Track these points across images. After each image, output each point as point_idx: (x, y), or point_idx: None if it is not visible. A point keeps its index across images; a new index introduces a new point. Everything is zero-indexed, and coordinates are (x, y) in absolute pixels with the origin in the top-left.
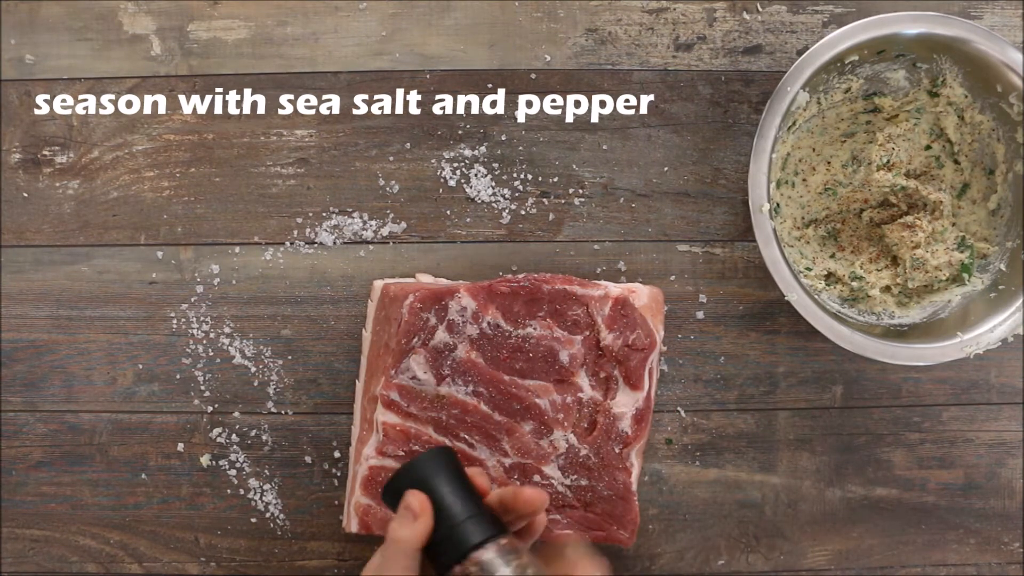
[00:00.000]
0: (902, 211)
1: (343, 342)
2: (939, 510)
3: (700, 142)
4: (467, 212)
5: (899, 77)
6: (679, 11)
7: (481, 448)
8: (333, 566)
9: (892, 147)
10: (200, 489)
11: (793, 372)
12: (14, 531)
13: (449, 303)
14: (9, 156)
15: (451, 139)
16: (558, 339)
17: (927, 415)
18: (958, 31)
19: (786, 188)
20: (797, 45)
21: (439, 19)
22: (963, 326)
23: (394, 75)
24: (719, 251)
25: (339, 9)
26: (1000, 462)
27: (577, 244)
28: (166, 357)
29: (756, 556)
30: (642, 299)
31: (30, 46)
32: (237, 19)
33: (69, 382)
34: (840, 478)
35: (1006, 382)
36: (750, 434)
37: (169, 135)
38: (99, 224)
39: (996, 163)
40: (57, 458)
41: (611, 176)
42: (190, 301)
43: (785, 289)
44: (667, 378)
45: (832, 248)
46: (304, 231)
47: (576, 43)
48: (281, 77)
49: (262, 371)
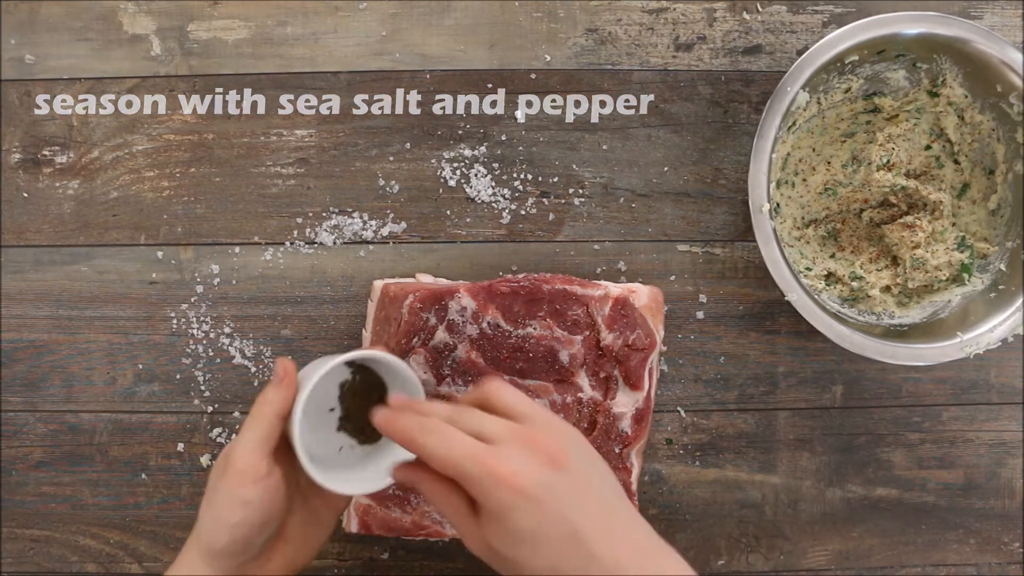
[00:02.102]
0: (902, 211)
1: (343, 342)
2: (939, 510)
3: (700, 142)
4: (467, 212)
5: (899, 77)
6: (679, 11)
7: None
8: (333, 566)
9: (892, 147)
10: (200, 489)
11: (793, 372)
12: (14, 531)
13: (449, 303)
14: (9, 156)
15: (451, 139)
16: (558, 339)
17: (927, 415)
18: (958, 31)
19: (786, 188)
20: (797, 45)
21: (439, 19)
22: (963, 326)
23: (394, 75)
24: (719, 251)
25: (339, 9)
26: (1000, 462)
27: (577, 244)
28: (166, 357)
29: (756, 556)
30: (642, 299)
31: (30, 46)
32: (237, 19)
33: (69, 382)
34: (840, 478)
35: (1006, 382)
36: (750, 434)
37: (169, 135)
38: (99, 224)
39: (996, 163)
40: (57, 458)
41: (611, 176)
42: (190, 301)
43: (785, 289)
44: (667, 378)
45: (832, 248)
46: (304, 231)
47: (576, 43)
48: (281, 77)
49: (262, 371)
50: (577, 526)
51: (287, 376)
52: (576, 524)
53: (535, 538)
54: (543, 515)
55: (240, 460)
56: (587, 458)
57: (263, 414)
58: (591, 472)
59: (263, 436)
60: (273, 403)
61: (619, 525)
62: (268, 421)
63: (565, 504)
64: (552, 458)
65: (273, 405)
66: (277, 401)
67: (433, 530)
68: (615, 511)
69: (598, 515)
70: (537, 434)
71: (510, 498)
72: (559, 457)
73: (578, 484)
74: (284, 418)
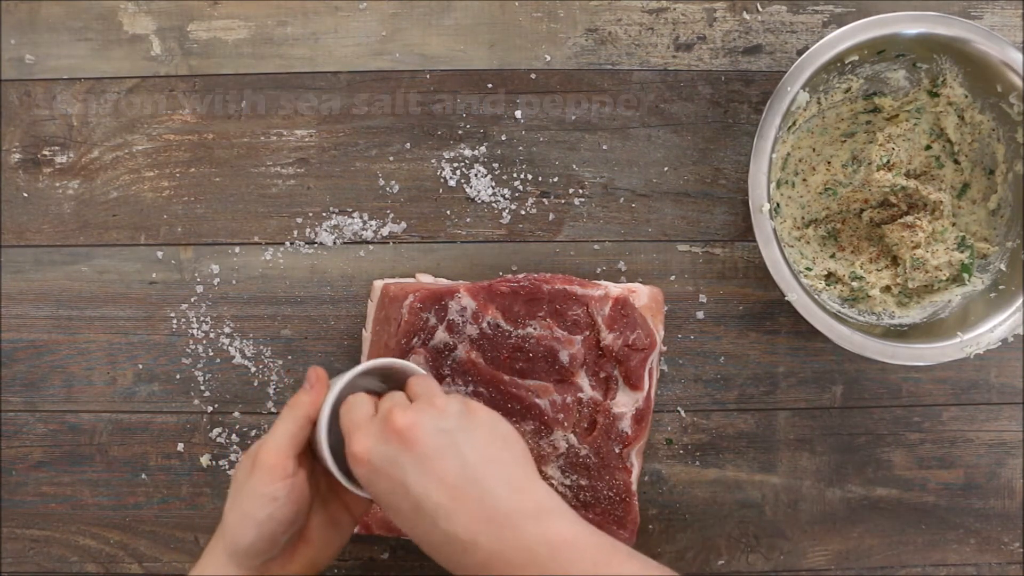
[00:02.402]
0: (902, 211)
1: (343, 342)
2: (939, 510)
3: (700, 142)
4: (467, 212)
5: (899, 77)
6: (679, 11)
7: None
8: (333, 566)
9: (892, 147)
10: (200, 489)
11: (793, 372)
12: (14, 531)
13: (449, 303)
14: (9, 156)
15: (451, 139)
16: (558, 339)
17: (927, 415)
18: (958, 31)
19: (786, 188)
20: (797, 45)
21: (439, 19)
22: (963, 326)
23: (394, 75)
24: (719, 251)
25: (339, 9)
26: (1000, 462)
27: (577, 244)
28: (166, 357)
29: (756, 556)
30: (642, 299)
31: (30, 46)
32: (237, 19)
33: (69, 382)
34: (840, 478)
35: (1006, 382)
36: (750, 434)
37: (169, 135)
38: (99, 224)
39: (996, 163)
40: (57, 458)
41: (611, 176)
42: (190, 301)
43: (785, 289)
44: (667, 378)
45: (832, 248)
46: (304, 231)
47: (576, 43)
48: (281, 77)
49: (262, 371)
50: (420, 498)
51: (319, 381)
52: (419, 496)
53: (388, 508)
54: (388, 485)
55: (270, 457)
56: (453, 433)
57: (294, 416)
58: (451, 446)
59: (292, 436)
60: (304, 405)
61: (479, 496)
62: (298, 422)
63: (410, 476)
64: (400, 435)
65: (304, 407)
66: (308, 403)
67: None
68: (479, 482)
69: (447, 488)
70: (392, 414)
71: (362, 471)
72: (407, 434)
73: (426, 459)
74: (313, 421)
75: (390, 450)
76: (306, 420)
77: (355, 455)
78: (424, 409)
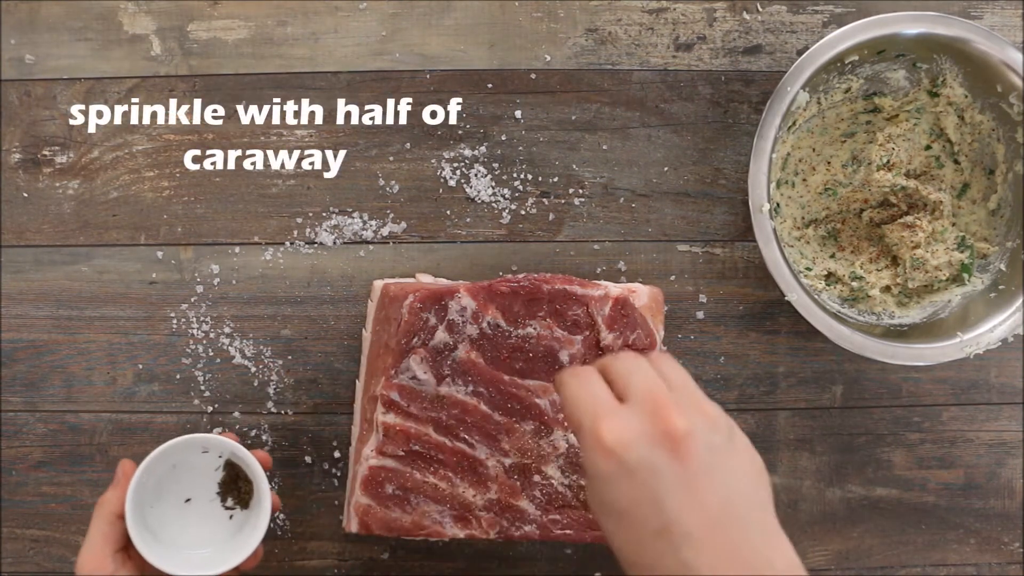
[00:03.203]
0: (902, 211)
1: (343, 342)
2: (939, 510)
3: (700, 142)
4: (467, 212)
5: (899, 77)
6: (679, 11)
7: (481, 448)
8: (333, 566)
9: (892, 147)
10: None
11: (793, 372)
12: (14, 531)
13: (449, 303)
14: (9, 156)
15: (451, 139)
16: (558, 339)
17: (927, 415)
18: (958, 31)
19: (786, 188)
20: (797, 45)
21: (439, 19)
22: (963, 326)
23: (394, 75)
24: (719, 251)
25: (339, 9)
26: (1000, 462)
27: (577, 244)
28: (166, 357)
29: None
30: (642, 299)
31: (30, 46)
32: (237, 19)
33: (69, 382)
34: (840, 478)
35: (1006, 382)
36: (750, 434)
37: (169, 135)
38: (99, 224)
39: (996, 163)
40: (57, 458)
41: (611, 176)
42: (190, 301)
43: (785, 289)
44: None
45: (832, 248)
46: (304, 231)
47: (576, 43)
48: (281, 77)
49: (262, 371)
50: (672, 522)
51: (124, 477)
52: (672, 519)
53: (622, 517)
54: (637, 494)
55: (86, 564)
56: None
57: (102, 515)
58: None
59: (104, 536)
60: (110, 502)
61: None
62: (107, 520)
63: (670, 494)
64: (675, 442)
65: (110, 504)
66: (114, 500)
67: (433, 530)
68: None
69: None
70: (668, 412)
71: (606, 466)
72: (682, 444)
73: (694, 479)
74: (122, 516)
75: (656, 456)
76: (114, 517)
77: (606, 445)
78: (695, 415)
